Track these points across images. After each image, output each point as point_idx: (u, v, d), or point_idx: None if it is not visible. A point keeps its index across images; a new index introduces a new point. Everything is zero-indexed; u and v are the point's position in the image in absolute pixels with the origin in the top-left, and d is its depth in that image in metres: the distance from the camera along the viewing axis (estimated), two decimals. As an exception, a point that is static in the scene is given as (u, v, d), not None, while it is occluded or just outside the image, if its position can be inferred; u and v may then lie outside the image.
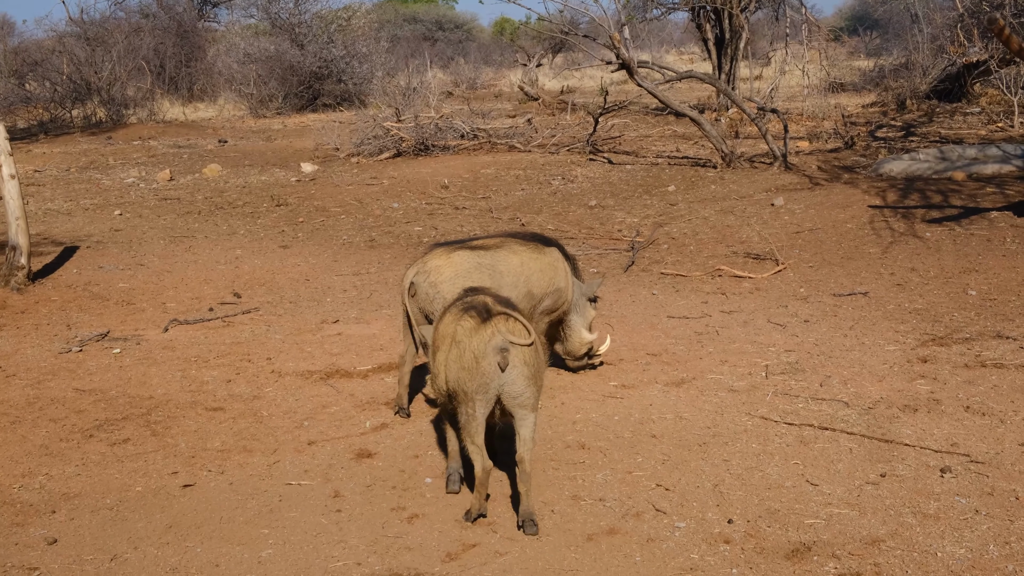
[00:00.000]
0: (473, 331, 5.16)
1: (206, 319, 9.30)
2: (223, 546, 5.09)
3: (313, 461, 6.14)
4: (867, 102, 24.37)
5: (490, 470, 5.28)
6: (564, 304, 7.30)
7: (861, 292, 9.54)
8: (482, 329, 5.14)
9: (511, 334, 5.12)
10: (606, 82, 28.65)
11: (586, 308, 7.56)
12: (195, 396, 7.32)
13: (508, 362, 5.09)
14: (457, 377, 5.19)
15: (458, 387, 5.20)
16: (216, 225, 13.82)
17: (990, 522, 5.05)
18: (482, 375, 5.09)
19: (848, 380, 7.22)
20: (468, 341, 5.15)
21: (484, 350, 5.09)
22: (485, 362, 5.09)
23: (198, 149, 21.63)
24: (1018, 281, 9.48)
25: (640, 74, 17.16)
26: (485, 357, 5.09)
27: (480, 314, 5.22)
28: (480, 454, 5.24)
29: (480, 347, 5.10)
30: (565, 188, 15.63)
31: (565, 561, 4.84)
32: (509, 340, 5.10)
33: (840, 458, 5.90)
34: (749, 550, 4.88)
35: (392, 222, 13.84)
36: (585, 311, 7.54)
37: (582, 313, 7.51)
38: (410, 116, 19.89)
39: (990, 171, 13.98)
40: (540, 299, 7.08)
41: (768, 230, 12.14)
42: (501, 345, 5.08)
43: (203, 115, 28.97)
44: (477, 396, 5.14)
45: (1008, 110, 19.75)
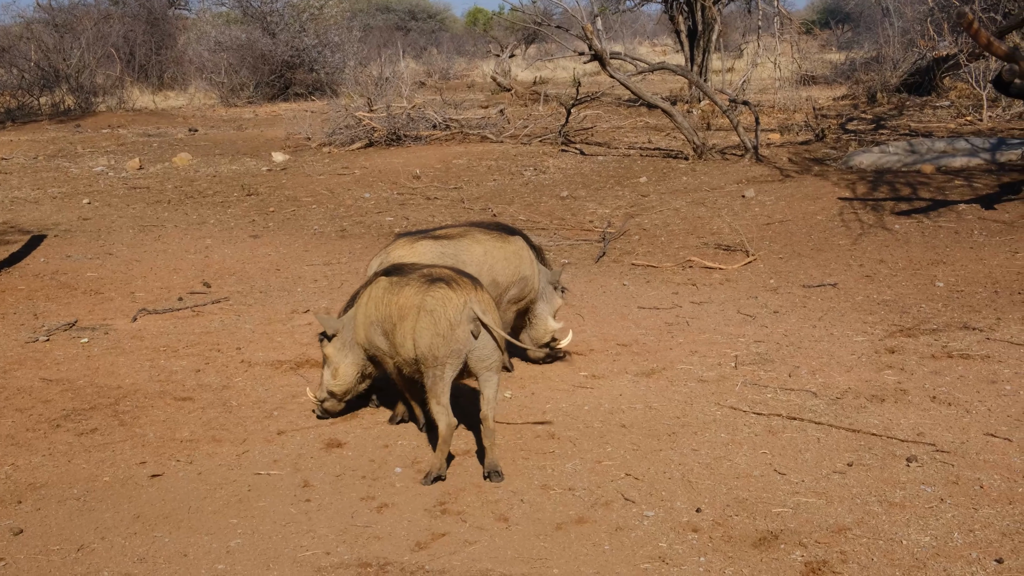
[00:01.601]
0: (447, 300, 5.56)
1: (175, 309, 9.25)
2: (191, 536, 5.07)
3: (282, 451, 6.12)
4: (838, 95, 24.48)
5: (455, 427, 5.64)
6: (531, 292, 7.33)
7: (830, 283, 9.59)
8: (455, 298, 5.55)
9: (479, 303, 5.55)
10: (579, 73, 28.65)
11: (553, 297, 7.57)
12: (164, 386, 7.28)
13: (480, 330, 5.52)
14: (430, 343, 5.56)
15: (429, 353, 5.57)
16: (186, 214, 13.75)
17: (955, 510, 5.10)
18: (456, 341, 5.51)
19: (816, 370, 7.26)
20: (443, 310, 5.55)
21: (459, 318, 5.51)
22: (460, 329, 5.51)
23: (168, 138, 21.49)
24: (985, 273, 9.56)
25: (613, 65, 17.16)
26: (460, 324, 5.51)
27: (450, 284, 5.63)
28: (446, 412, 5.61)
29: (456, 315, 5.51)
30: (537, 179, 15.64)
31: (534, 550, 4.85)
32: (478, 312, 5.52)
33: (808, 447, 5.94)
34: (717, 538, 4.91)
35: (363, 212, 13.80)
36: (552, 299, 7.56)
37: (549, 301, 7.53)
38: (382, 106, 19.83)
39: (959, 164, 14.08)
40: (506, 288, 7.12)
41: (739, 221, 12.18)
42: (472, 315, 5.51)
43: (173, 104, 28.78)
44: (449, 360, 5.55)
45: (977, 104, 19.89)
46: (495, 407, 5.71)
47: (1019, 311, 8.43)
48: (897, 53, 24.33)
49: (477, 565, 4.72)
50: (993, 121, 18.58)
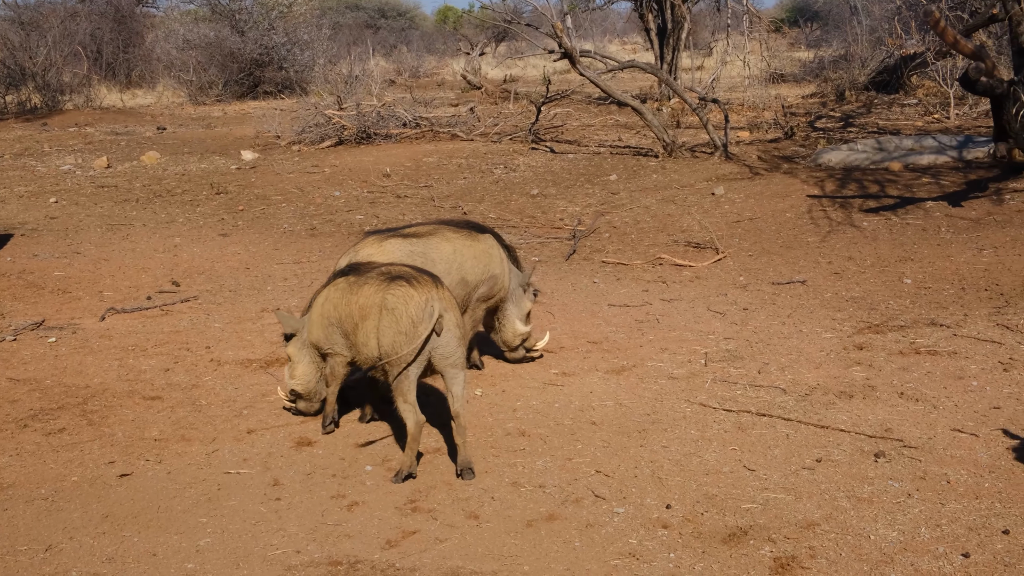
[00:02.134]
0: (408, 298, 5.54)
1: (144, 308, 9.20)
2: (161, 535, 5.05)
3: (252, 449, 6.10)
4: (807, 93, 24.62)
5: (423, 424, 5.63)
6: (500, 291, 7.29)
7: (799, 280, 9.64)
8: (417, 296, 5.53)
9: (441, 301, 5.54)
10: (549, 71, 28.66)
11: (522, 299, 7.53)
12: (132, 385, 7.24)
13: (443, 327, 5.52)
14: (393, 342, 5.55)
15: (393, 351, 5.55)
16: (154, 213, 13.67)
17: (922, 505, 5.14)
18: (419, 339, 5.48)
19: (785, 367, 7.30)
20: (405, 308, 5.53)
21: (421, 316, 5.48)
22: (422, 327, 5.47)
23: (136, 136, 21.35)
24: (952, 270, 9.63)
25: (583, 63, 17.19)
26: (423, 322, 5.48)
27: (410, 281, 5.61)
28: (413, 410, 5.60)
29: (418, 313, 5.49)
30: (507, 177, 15.64)
31: (505, 547, 4.86)
32: (440, 309, 5.51)
33: (777, 444, 5.97)
34: (687, 534, 4.93)
35: (333, 210, 13.77)
36: (520, 302, 7.53)
37: (518, 303, 7.50)
38: (352, 104, 19.77)
39: (926, 162, 14.19)
40: (475, 286, 7.08)
41: (708, 219, 12.23)
42: (433, 312, 5.49)
43: (141, 102, 28.60)
44: (412, 359, 5.52)
45: (944, 101, 20.04)
46: (464, 403, 5.71)
47: (986, 307, 8.51)
48: (865, 51, 24.50)
49: (448, 563, 4.72)
50: (960, 119, 18.73)
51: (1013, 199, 11.94)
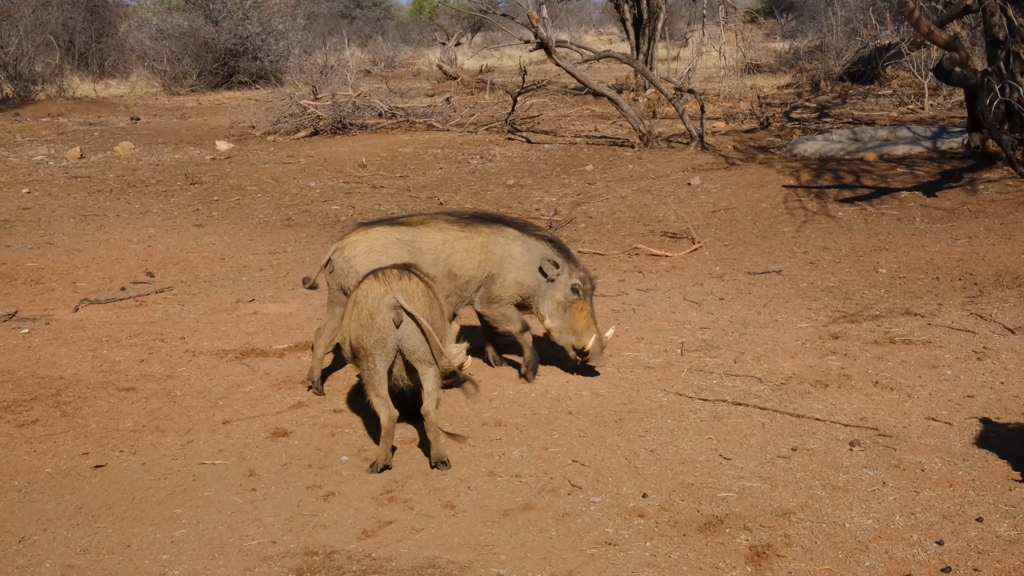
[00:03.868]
0: (369, 290, 5.55)
1: (118, 299, 9.14)
2: (135, 527, 5.01)
3: (228, 440, 6.07)
4: (782, 83, 24.69)
5: (395, 418, 5.60)
6: (507, 290, 6.91)
7: (775, 270, 9.67)
8: (377, 287, 5.53)
9: (403, 292, 5.50)
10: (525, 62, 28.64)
11: (562, 313, 6.95)
12: (107, 376, 7.19)
13: (402, 318, 5.48)
14: (356, 335, 5.56)
15: (358, 344, 5.57)
16: (128, 204, 13.58)
17: (896, 493, 5.16)
18: (378, 330, 5.48)
19: (761, 356, 7.32)
20: (365, 300, 5.54)
21: (378, 307, 5.47)
22: (379, 318, 5.47)
23: (109, 127, 21.21)
24: (926, 260, 9.68)
25: (559, 54, 17.18)
26: (379, 313, 5.47)
27: (376, 275, 5.62)
28: (385, 404, 5.59)
29: (374, 304, 5.48)
30: (483, 167, 15.62)
31: (481, 537, 4.85)
32: (400, 299, 5.47)
33: (753, 433, 5.99)
34: (663, 523, 4.94)
35: (309, 201, 13.71)
36: (560, 316, 6.96)
37: (549, 305, 6.98)
38: (327, 94, 19.71)
39: (901, 152, 14.25)
40: (467, 281, 6.84)
41: (684, 209, 12.25)
42: (394, 303, 5.46)
43: (115, 92, 28.39)
44: (376, 351, 5.51)
45: (919, 92, 20.14)
46: (436, 400, 5.66)
47: (960, 297, 8.56)
48: (840, 42, 24.58)
49: (424, 552, 4.71)
50: (934, 109, 18.83)
51: (987, 189, 12.01)
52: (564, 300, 6.89)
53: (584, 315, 6.90)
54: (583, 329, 6.89)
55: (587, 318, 6.91)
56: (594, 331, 6.88)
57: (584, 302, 6.90)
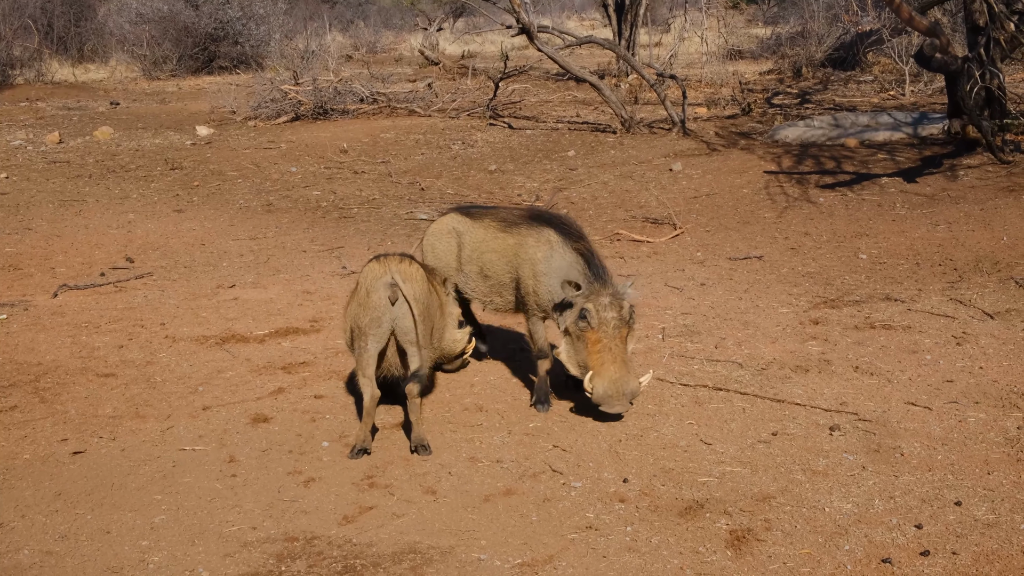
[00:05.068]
0: (370, 271, 5.66)
1: (97, 284, 9.10)
2: (114, 513, 5.00)
3: (208, 426, 6.05)
4: (764, 69, 24.68)
5: (377, 399, 5.64)
6: (528, 301, 6.34)
7: (756, 256, 9.69)
8: (377, 268, 5.63)
9: (400, 274, 5.57)
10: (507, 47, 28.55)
11: (573, 342, 6.07)
12: (86, 362, 7.15)
13: (397, 297, 5.54)
14: (355, 314, 5.65)
15: (355, 323, 5.65)
16: (108, 189, 13.50)
17: (876, 478, 5.19)
18: (373, 308, 5.55)
19: (742, 342, 7.34)
20: (364, 280, 5.65)
21: (375, 285, 5.56)
22: (375, 295, 5.55)
23: (89, 111, 21.05)
24: (907, 245, 9.71)
25: (541, 39, 17.13)
26: (375, 291, 5.55)
27: (379, 257, 5.73)
28: (370, 384, 5.63)
29: (371, 283, 5.57)
30: (465, 153, 15.58)
31: (462, 522, 4.85)
32: (397, 279, 5.54)
33: (733, 418, 6.00)
34: (644, 508, 4.94)
35: (290, 186, 13.66)
36: (571, 343, 6.09)
37: (567, 342, 6.12)
38: (308, 79, 19.59)
39: (881, 138, 14.28)
40: (500, 284, 6.46)
41: (666, 195, 12.25)
42: (390, 281, 5.54)
43: (94, 76, 28.16)
44: (370, 330, 5.57)
45: (899, 78, 20.17)
46: (421, 383, 5.71)
47: (939, 283, 8.59)
48: (822, 28, 24.59)
49: (405, 538, 4.71)
50: (915, 96, 18.86)
51: (967, 175, 12.05)
52: (575, 327, 5.99)
53: (598, 349, 5.91)
54: (593, 365, 5.91)
55: (601, 353, 5.90)
56: (610, 371, 5.87)
57: (599, 334, 5.92)
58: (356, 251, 10.19)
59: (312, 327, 7.88)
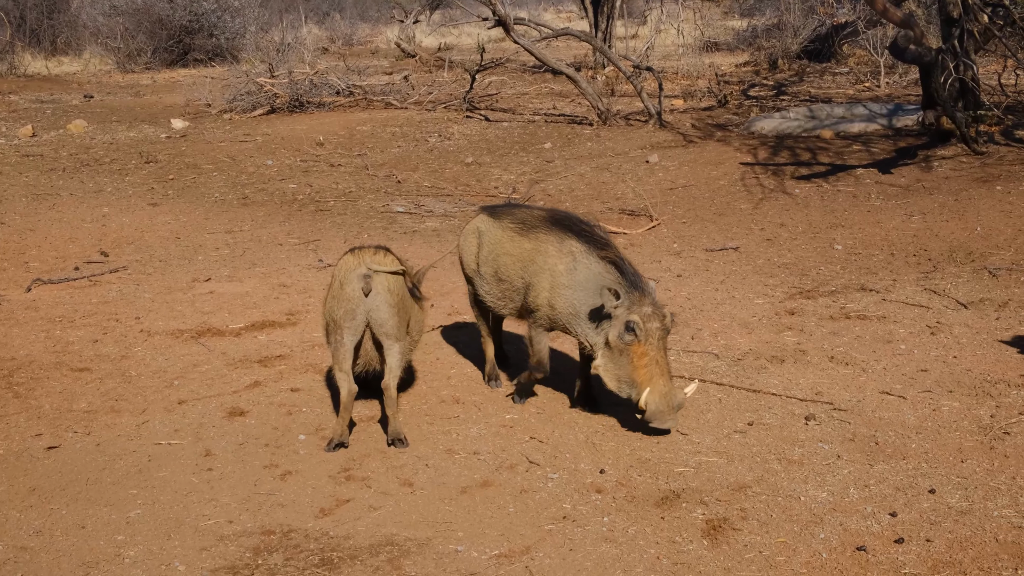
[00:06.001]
0: (344, 263, 5.65)
1: (71, 278, 9.04)
2: (90, 508, 4.97)
3: (184, 420, 6.02)
4: (740, 61, 24.72)
5: (355, 394, 5.63)
6: (536, 309, 5.97)
7: (732, 247, 9.72)
8: (352, 260, 5.62)
9: (375, 264, 5.56)
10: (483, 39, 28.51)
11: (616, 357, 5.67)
12: (60, 357, 7.11)
13: (371, 288, 5.51)
14: (330, 307, 5.63)
15: (331, 317, 5.63)
16: (82, 182, 13.41)
17: (851, 466, 5.21)
18: (347, 300, 5.52)
19: (718, 332, 7.36)
20: (339, 273, 5.62)
21: (348, 276, 5.53)
22: (349, 287, 5.52)
23: (62, 104, 20.89)
24: (882, 236, 9.75)
25: (517, 31, 17.12)
26: (349, 283, 5.52)
27: (354, 250, 5.72)
28: (347, 379, 5.62)
29: (345, 274, 5.55)
30: (442, 145, 15.57)
31: (439, 514, 4.85)
32: (371, 267, 5.52)
33: (709, 408, 6.02)
34: (620, 499, 4.96)
35: (266, 179, 13.61)
36: (614, 359, 5.68)
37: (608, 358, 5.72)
38: (284, 72, 19.51)
39: (857, 129, 14.34)
40: (513, 288, 6.13)
41: (643, 187, 12.26)
42: (364, 272, 5.51)
43: (67, 69, 27.96)
44: (345, 322, 5.55)
45: (875, 70, 20.25)
46: (397, 376, 5.68)
47: (914, 273, 8.64)
48: (798, 20, 24.66)
49: (382, 530, 4.70)
50: (890, 87, 18.95)
51: (941, 166, 12.12)
52: (619, 341, 5.62)
53: (645, 363, 5.57)
54: (642, 380, 5.57)
55: (648, 367, 5.56)
56: (660, 385, 5.55)
57: (645, 347, 5.57)
58: (332, 244, 10.17)
59: (288, 320, 7.87)
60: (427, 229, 10.93)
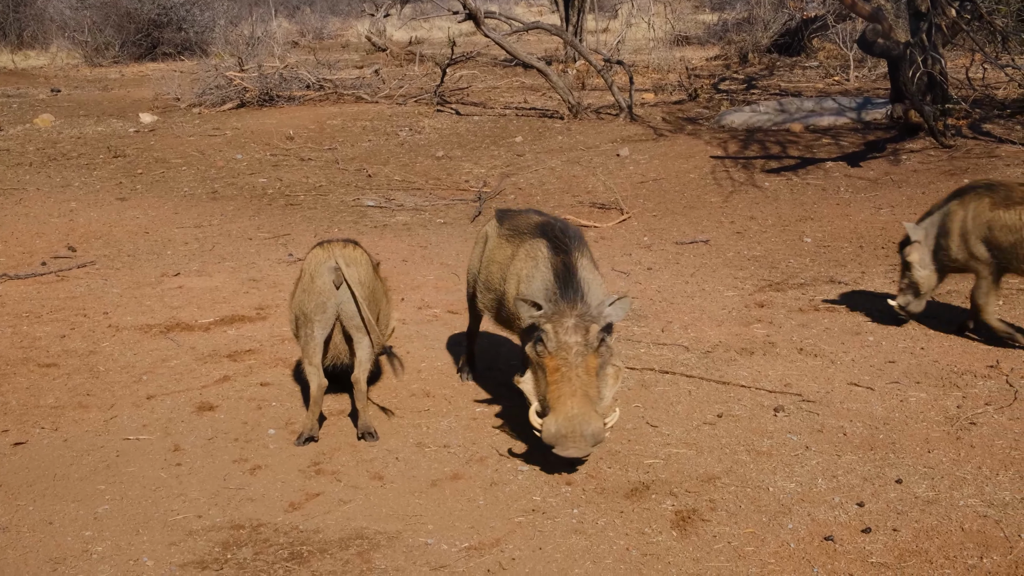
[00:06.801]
0: (313, 256, 5.65)
1: (38, 274, 8.97)
2: (57, 503, 4.94)
3: (152, 415, 5.99)
4: (711, 55, 24.79)
5: (324, 388, 5.63)
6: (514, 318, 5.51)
7: (702, 240, 9.74)
8: (321, 253, 5.62)
9: (343, 258, 5.57)
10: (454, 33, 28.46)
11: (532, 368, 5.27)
12: (27, 352, 7.05)
13: (341, 280, 5.52)
14: (300, 300, 5.62)
15: (300, 311, 5.62)
16: (49, 177, 13.30)
17: (819, 457, 5.24)
18: (318, 293, 5.53)
19: (688, 325, 7.38)
20: (308, 266, 5.63)
21: (319, 270, 5.54)
22: (319, 280, 5.53)
23: (29, 99, 20.72)
24: (850, 228, 9.81)
25: (488, 25, 17.10)
26: (319, 276, 5.53)
27: (323, 244, 5.71)
28: (317, 373, 5.62)
29: (315, 267, 5.56)
30: (412, 139, 15.53)
31: (409, 507, 4.85)
32: (340, 263, 5.53)
33: (679, 400, 6.04)
34: (590, 490, 4.96)
35: (236, 173, 13.54)
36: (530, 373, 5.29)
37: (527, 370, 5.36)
38: (254, 66, 19.42)
39: (826, 123, 14.41)
40: (497, 296, 5.83)
41: (613, 180, 12.28)
42: (334, 265, 5.53)
43: (34, 63, 27.74)
44: (315, 316, 5.55)
45: (844, 64, 20.35)
46: (367, 370, 5.69)
47: (882, 265, 8.69)
48: (768, 14, 24.74)
49: (352, 523, 4.69)
50: (859, 81, 19.04)
51: (909, 159, 12.19)
52: (533, 353, 5.17)
53: (556, 379, 5.04)
54: (551, 399, 5.04)
55: (558, 384, 5.02)
56: (567, 406, 4.96)
57: (557, 361, 5.05)
58: (303, 238, 10.13)
59: (258, 315, 7.83)
60: (398, 223, 10.91)
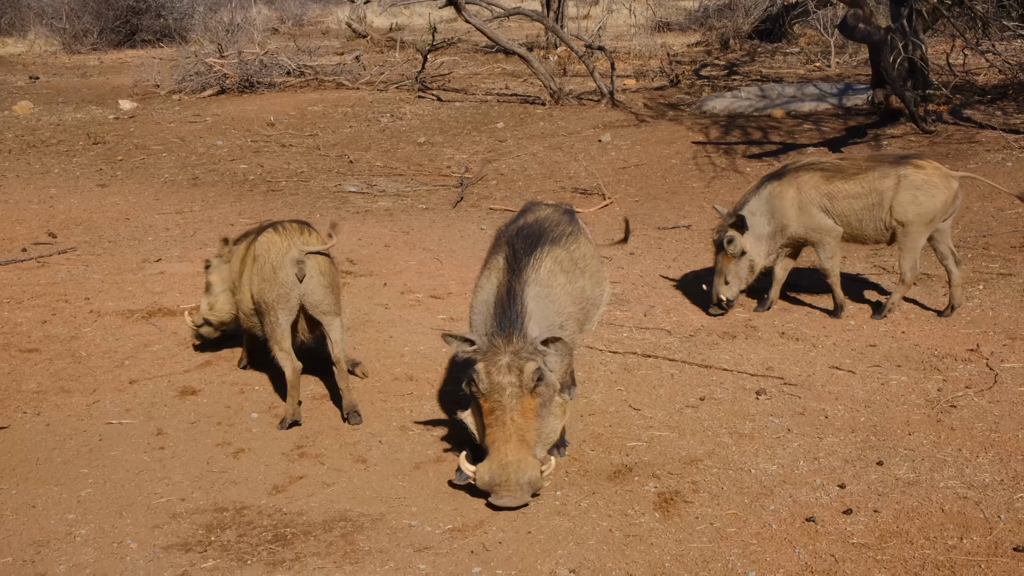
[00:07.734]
0: (271, 244, 5.56)
1: (19, 260, 8.92)
2: (40, 487, 4.93)
3: (135, 400, 5.98)
4: (692, 41, 24.80)
5: (299, 371, 5.62)
6: None
7: (684, 225, 9.77)
8: (279, 241, 5.54)
9: (305, 245, 5.52)
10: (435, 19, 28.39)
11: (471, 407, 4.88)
12: (8, 338, 7.02)
13: (305, 272, 5.47)
14: (259, 289, 5.55)
15: (260, 299, 5.56)
16: (28, 164, 13.23)
17: (801, 440, 5.28)
18: (281, 285, 5.47)
19: (671, 309, 7.41)
20: (266, 254, 5.53)
21: (281, 261, 5.46)
22: (283, 272, 5.47)
23: (7, 86, 20.57)
24: (831, 213, 9.84)
25: (469, 11, 17.07)
26: (283, 268, 5.46)
27: (276, 228, 5.63)
28: (289, 357, 5.61)
29: (277, 259, 5.47)
30: (394, 125, 15.50)
31: (392, 489, 4.86)
32: (304, 250, 5.48)
33: (662, 383, 6.07)
34: (574, 473, 4.98)
35: (216, 160, 13.49)
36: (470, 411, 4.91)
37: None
38: (234, 52, 19.32)
39: (807, 109, 14.44)
40: None
41: (595, 166, 12.29)
42: (297, 257, 5.46)
43: (12, 51, 27.53)
44: (278, 305, 5.51)
45: (825, 50, 20.39)
46: (343, 347, 5.70)
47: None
48: (749, 0, 24.76)
49: (335, 506, 4.70)
50: (840, 67, 19.08)
51: (890, 145, 12.24)
52: (467, 390, 4.81)
53: (490, 421, 4.67)
54: (487, 443, 4.69)
55: (492, 428, 4.66)
56: (501, 452, 4.61)
57: (491, 403, 4.66)
58: (284, 224, 10.09)
59: (240, 300, 7.81)
60: (379, 209, 10.89)
